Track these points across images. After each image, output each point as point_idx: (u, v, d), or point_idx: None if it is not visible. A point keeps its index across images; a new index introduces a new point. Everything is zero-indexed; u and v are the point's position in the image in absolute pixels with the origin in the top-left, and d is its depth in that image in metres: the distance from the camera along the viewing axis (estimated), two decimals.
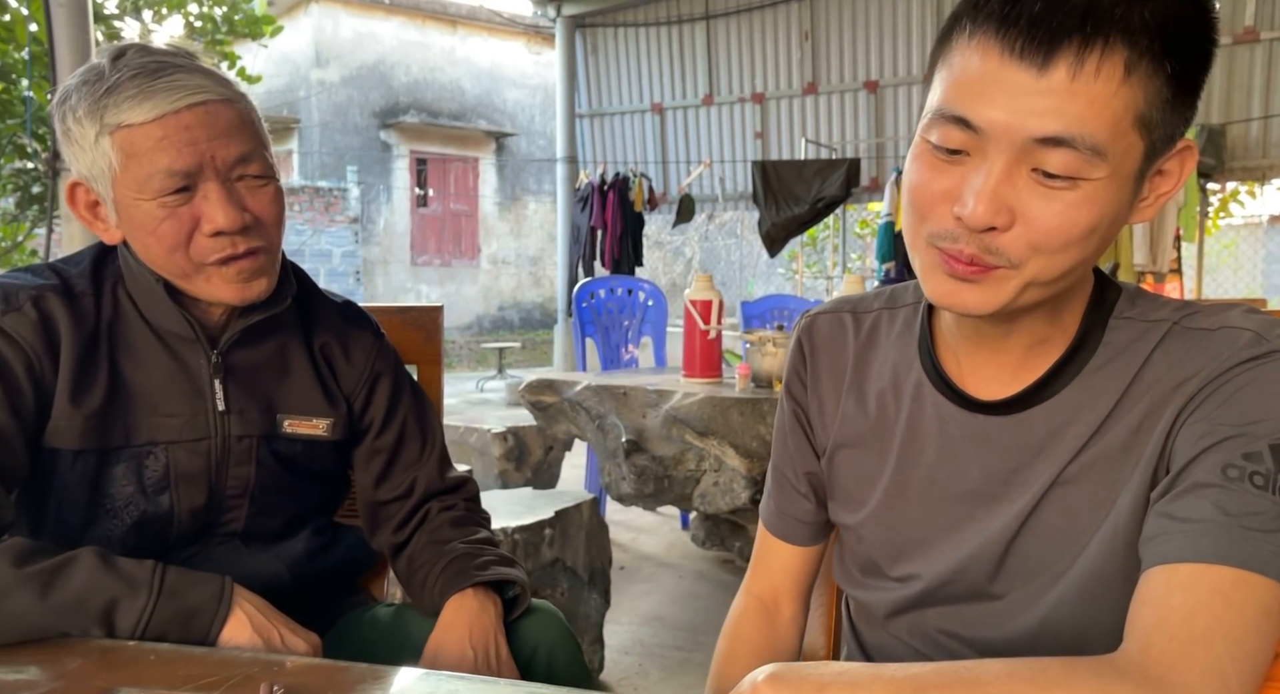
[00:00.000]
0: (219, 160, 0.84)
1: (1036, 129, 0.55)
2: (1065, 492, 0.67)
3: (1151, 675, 0.51)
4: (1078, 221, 0.57)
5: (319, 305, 1.03)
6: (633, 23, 7.35)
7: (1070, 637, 0.68)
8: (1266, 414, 0.58)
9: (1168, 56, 0.54)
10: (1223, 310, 0.64)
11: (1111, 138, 0.55)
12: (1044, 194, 0.57)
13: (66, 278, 0.90)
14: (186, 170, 0.83)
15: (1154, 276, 4.98)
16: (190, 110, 0.83)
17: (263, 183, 0.88)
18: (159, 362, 0.91)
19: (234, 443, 0.94)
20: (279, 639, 0.81)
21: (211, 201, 0.84)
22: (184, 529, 0.93)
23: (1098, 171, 0.56)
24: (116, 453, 0.89)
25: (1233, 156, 5.36)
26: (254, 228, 0.88)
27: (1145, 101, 0.55)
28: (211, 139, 0.84)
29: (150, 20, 5.15)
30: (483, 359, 11.20)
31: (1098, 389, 0.66)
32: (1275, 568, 0.54)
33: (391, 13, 12.06)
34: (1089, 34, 0.53)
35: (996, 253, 0.59)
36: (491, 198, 13.04)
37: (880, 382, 0.76)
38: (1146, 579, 0.57)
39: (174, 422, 0.91)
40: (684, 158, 7.27)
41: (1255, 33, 5.27)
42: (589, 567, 2.59)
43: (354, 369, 1.02)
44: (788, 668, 0.53)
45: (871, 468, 0.76)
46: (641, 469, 2.60)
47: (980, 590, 0.71)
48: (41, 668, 0.69)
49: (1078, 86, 0.54)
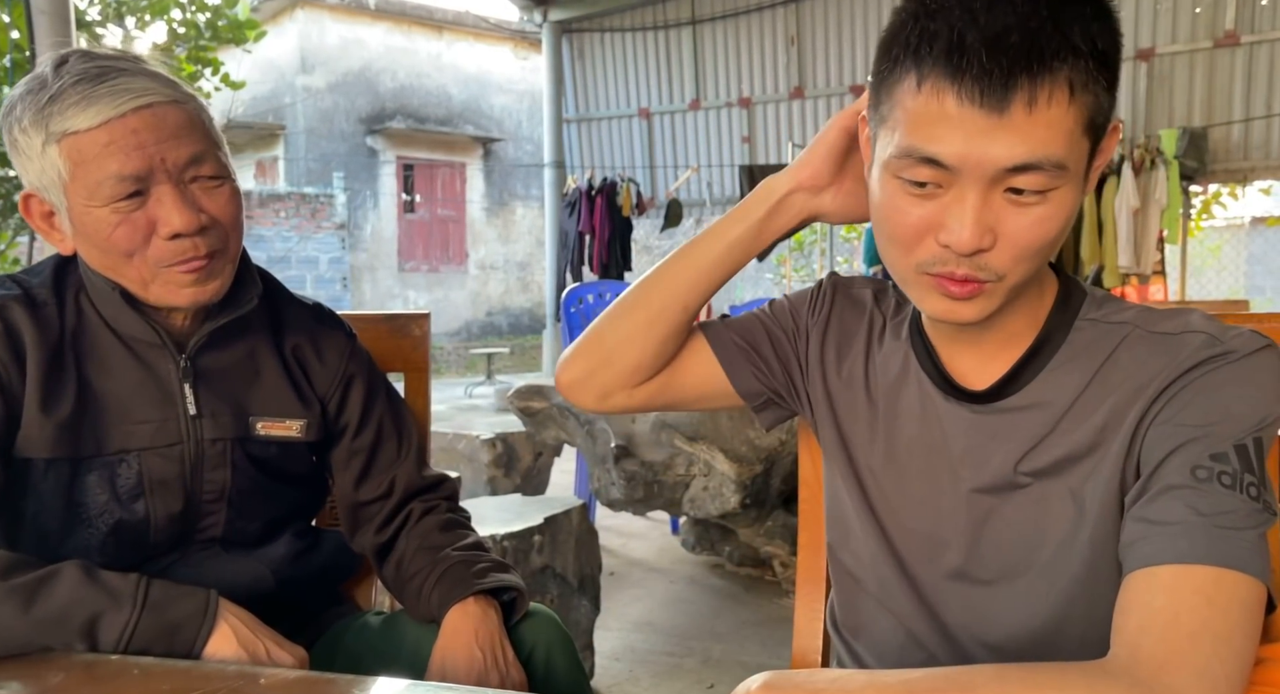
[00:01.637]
0: (169, 162, 0.83)
1: (1006, 161, 0.59)
2: (1033, 485, 0.69)
3: (1142, 678, 0.51)
4: (1051, 228, 0.62)
5: (289, 307, 1.02)
6: (619, 28, 7.36)
7: (1045, 628, 0.70)
8: (1226, 415, 0.60)
9: (1102, 69, 0.59)
10: (1182, 315, 0.67)
11: (1069, 151, 0.60)
12: (1018, 211, 0.61)
13: (28, 288, 0.89)
14: (137, 174, 0.82)
15: (1138, 278, 5.02)
16: (136, 114, 0.82)
17: (217, 183, 0.87)
18: (127, 368, 0.90)
19: (207, 447, 0.93)
20: (265, 653, 0.80)
21: (166, 204, 0.83)
22: (161, 536, 0.92)
23: (1062, 182, 0.61)
24: (88, 462, 0.88)
25: (1215, 159, 5.41)
26: (211, 229, 0.87)
27: (1090, 110, 0.60)
28: (160, 141, 0.82)
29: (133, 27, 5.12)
30: (471, 365, 11.17)
31: (1058, 384, 0.69)
32: (1252, 564, 0.55)
33: (377, 18, 12.04)
34: (1035, 71, 0.57)
35: (985, 269, 0.63)
36: (479, 203, 13.02)
37: (875, 358, 0.81)
38: (1129, 583, 0.58)
39: (145, 428, 0.90)
40: (672, 162, 7.29)
41: (1236, 36, 5.33)
42: (579, 573, 2.58)
43: (327, 370, 1.01)
44: (781, 675, 0.54)
45: (862, 428, 0.81)
46: (631, 474, 2.59)
47: (959, 570, 0.74)
48: (24, 683, 0.68)
49: (1035, 117, 0.58)
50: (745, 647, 2.59)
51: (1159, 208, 4.90)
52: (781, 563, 2.83)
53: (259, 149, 12.19)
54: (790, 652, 1.00)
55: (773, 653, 2.54)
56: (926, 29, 0.59)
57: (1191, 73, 5.48)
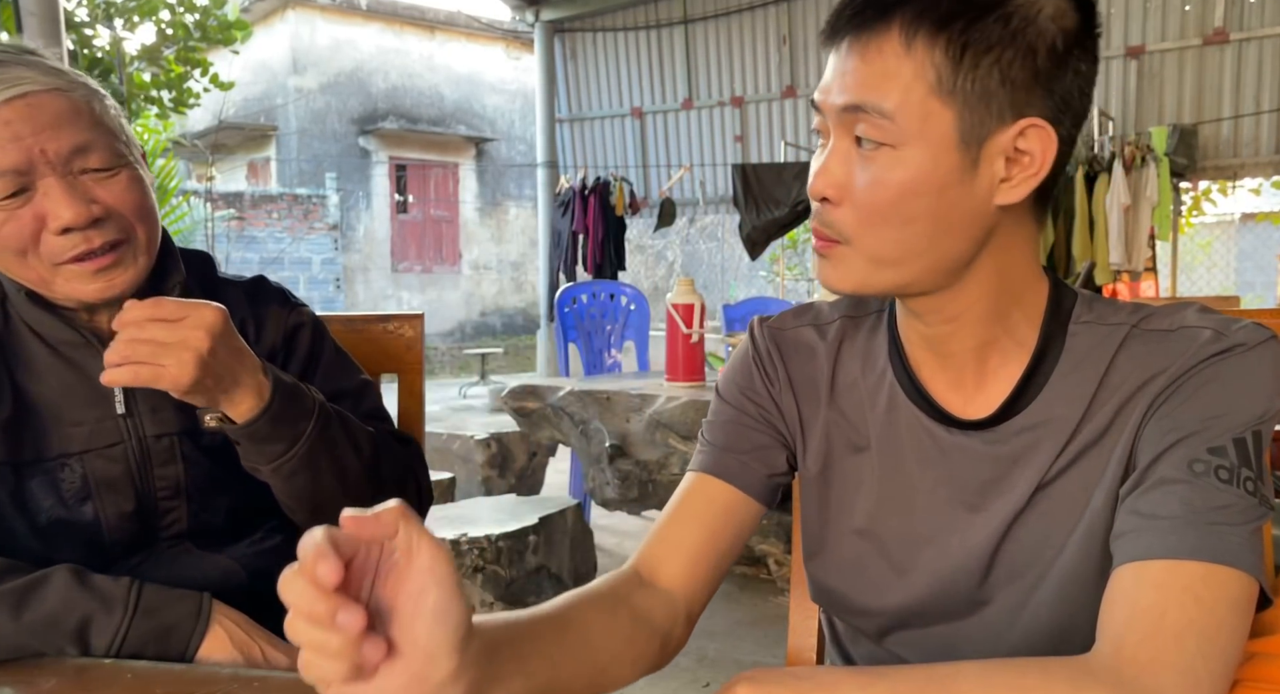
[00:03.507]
0: (50, 153, 0.78)
1: (838, 100, 0.63)
2: (1045, 497, 0.67)
3: (1125, 677, 0.51)
4: (886, 185, 0.62)
5: (223, 291, 0.97)
6: (611, 27, 7.36)
7: (1052, 638, 0.68)
8: (1228, 409, 0.60)
9: (941, 30, 0.60)
10: (1177, 311, 0.66)
11: (900, 104, 0.60)
12: (862, 165, 0.63)
13: None
14: (16, 168, 0.77)
15: (1130, 275, 5.04)
16: (8, 105, 0.77)
17: (109, 173, 0.82)
18: (55, 371, 0.88)
19: (152, 443, 0.90)
20: (260, 654, 0.80)
21: (52, 197, 0.79)
22: (118, 536, 0.90)
23: (895, 137, 0.61)
24: (30, 467, 0.87)
25: (1204, 156, 5.44)
26: (108, 220, 0.82)
27: (934, 70, 0.60)
28: (37, 132, 0.78)
29: (121, 28, 5.10)
30: (465, 366, 11.15)
31: (1067, 395, 0.66)
32: (1244, 560, 0.55)
33: (369, 19, 12.00)
34: (869, 20, 0.62)
35: (830, 225, 0.65)
36: (472, 204, 13.00)
37: (854, 394, 0.75)
38: (1117, 577, 0.57)
39: (81, 430, 0.87)
40: (665, 162, 7.28)
41: (1225, 33, 5.35)
42: (574, 572, 2.58)
43: (265, 344, 0.97)
44: (765, 672, 0.53)
45: (855, 481, 0.75)
46: (625, 474, 2.59)
47: (971, 599, 0.71)
48: (16, 688, 0.68)
49: (866, 62, 0.62)
50: (740, 645, 2.60)
51: (1150, 205, 4.92)
52: (776, 561, 2.83)
53: (251, 150, 12.15)
54: (785, 650, 1.00)
55: (768, 651, 2.54)
56: None
57: (1181, 70, 5.50)
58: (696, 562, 0.73)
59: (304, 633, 0.43)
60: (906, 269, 0.64)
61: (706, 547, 0.74)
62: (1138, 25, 5.60)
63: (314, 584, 0.42)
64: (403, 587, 0.45)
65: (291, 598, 0.43)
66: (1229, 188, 7.53)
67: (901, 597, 0.73)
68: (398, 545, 0.45)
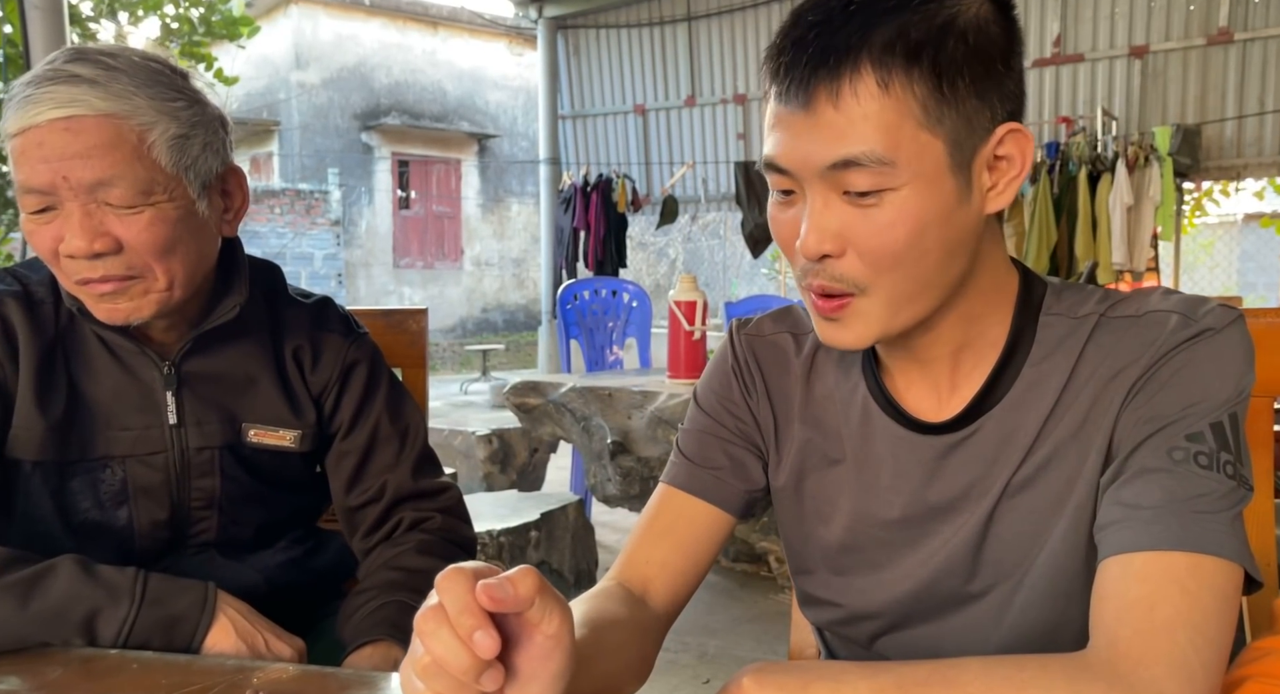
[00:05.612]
0: (72, 181, 0.78)
1: (822, 157, 0.60)
2: (1024, 492, 0.67)
3: (1121, 671, 0.52)
4: (895, 230, 0.60)
5: (290, 310, 0.99)
6: (614, 24, 7.35)
7: (1041, 636, 0.68)
8: (1204, 394, 0.60)
9: (914, 62, 0.58)
10: (1143, 296, 0.66)
11: (894, 146, 0.59)
12: (860, 215, 0.61)
13: (27, 284, 0.89)
14: (41, 188, 0.79)
15: (1131, 275, 5.04)
16: (50, 125, 0.78)
17: (131, 210, 0.81)
18: (111, 374, 0.89)
19: (193, 455, 0.91)
20: (264, 645, 0.80)
21: (69, 224, 0.79)
22: (147, 542, 0.92)
23: (895, 180, 0.59)
24: (73, 466, 0.88)
25: (1208, 156, 5.43)
26: (118, 254, 0.81)
27: (918, 104, 0.59)
28: (65, 158, 0.78)
29: (126, 22, 5.10)
30: (466, 362, 11.15)
31: (1038, 387, 0.67)
32: (1228, 547, 0.56)
33: (372, 14, 12.00)
34: (832, 68, 0.59)
35: (840, 279, 0.63)
36: (474, 200, 13.00)
37: (829, 405, 0.75)
38: (1104, 570, 0.58)
39: (128, 435, 0.89)
40: (667, 159, 7.28)
41: (1229, 33, 5.34)
42: (575, 569, 2.59)
43: (321, 374, 0.98)
44: (770, 664, 0.54)
45: (832, 494, 0.75)
46: (627, 470, 2.60)
47: (957, 599, 0.71)
48: (23, 678, 0.68)
49: (842, 114, 0.59)
50: (740, 642, 2.60)
51: (1153, 205, 4.92)
52: (777, 558, 2.84)
53: (253, 145, 12.15)
54: (786, 647, 1.00)
55: (768, 648, 2.55)
56: (772, 42, 0.62)
57: (1185, 70, 5.50)
58: (682, 582, 0.76)
59: (439, 681, 0.45)
60: (924, 301, 0.64)
61: (687, 564, 0.76)
62: (1141, 25, 5.59)
63: (466, 647, 0.43)
64: (527, 649, 0.47)
65: (439, 650, 0.44)
66: (1231, 188, 7.52)
67: (887, 601, 0.73)
68: (530, 614, 0.46)
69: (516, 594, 0.44)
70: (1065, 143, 5.15)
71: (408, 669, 0.46)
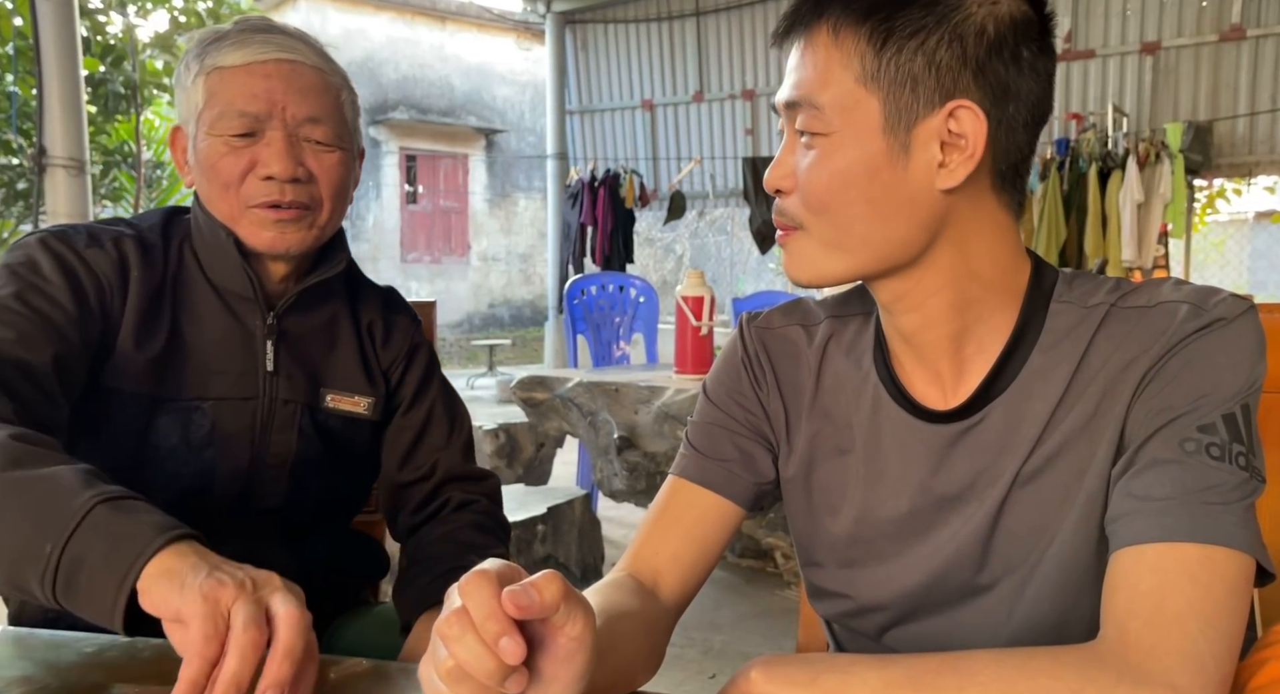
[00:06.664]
0: (289, 114, 0.90)
1: (781, 97, 0.67)
2: (1034, 482, 0.67)
3: (1132, 663, 0.52)
4: (820, 173, 0.65)
5: (365, 286, 1.07)
6: (622, 19, 7.34)
7: (1051, 628, 0.68)
8: (1215, 385, 0.60)
9: (866, 20, 0.63)
10: (1154, 286, 0.66)
11: (826, 93, 0.64)
12: (803, 156, 0.67)
13: (140, 230, 0.94)
14: (256, 114, 0.89)
15: (1141, 272, 5.02)
16: (276, 63, 0.90)
17: (327, 148, 0.92)
18: (216, 319, 0.93)
19: (279, 406, 0.95)
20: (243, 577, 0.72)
21: (272, 148, 0.89)
22: (223, 491, 0.92)
23: (827, 126, 0.64)
24: (167, 404, 0.90)
25: (1219, 153, 5.40)
26: (305, 183, 0.91)
27: (859, 59, 0.63)
28: (287, 92, 0.90)
29: (134, 14, 5.12)
30: (473, 357, 11.17)
31: (1046, 375, 0.66)
32: (1239, 538, 0.55)
33: (380, 9, 12.00)
34: (804, 17, 0.66)
35: (784, 213, 0.69)
36: (481, 195, 13.01)
37: (840, 396, 0.76)
38: (1116, 561, 0.58)
39: (224, 378, 0.92)
40: (675, 154, 7.27)
41: (1241, 30, 5.31)
42: (581, 563, 2.59)
43: (392, 348, 1.04)
44: (779, 656, 0.54)
45: (841, 485, 0.75)
46: (634, 466, 2.60)
47: (967, 590, 0.71)
48: (35, 665, 0.69)
49: (804, 60, 0.66)
50: (746, 638, 2.61)
51: (1163, 202, 4.90)
52: (783, 554, 2.84)
53: None
54: (792, 643, 1.01)
55: (774, 644, 2.55)
56: None
57: (1197, 66, 5.46)
58: (691, 574, 0.77)
59: (463, 685, 0.45)
60: (857, 256, 0.66)
61: (697, 556, 0.76)
62: (1153, 21, 5.56)
63: (492, 652, 0.43)
64: (549, 650, 0.47)
65: (464, 656, 0.44)
66: (1243, 186, 7.48)
67: (896, 593, 0.73)
68: (554, 617, 0.46)
69: (542, 601, 0.44)
70: (1075, 139, 5.13)
71: (428, 669, 0.46)
